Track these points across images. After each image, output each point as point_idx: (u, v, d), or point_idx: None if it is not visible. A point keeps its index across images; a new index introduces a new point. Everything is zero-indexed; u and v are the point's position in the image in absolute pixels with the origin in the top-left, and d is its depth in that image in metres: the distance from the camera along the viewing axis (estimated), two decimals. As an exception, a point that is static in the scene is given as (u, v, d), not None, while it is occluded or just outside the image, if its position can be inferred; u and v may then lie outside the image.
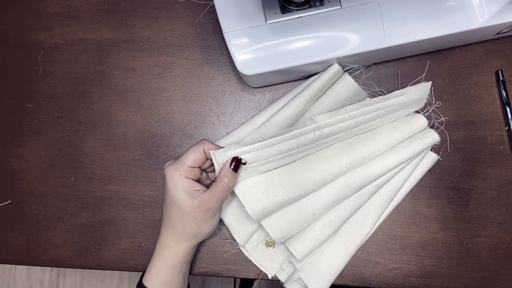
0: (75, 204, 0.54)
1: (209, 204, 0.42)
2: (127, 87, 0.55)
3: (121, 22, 0.56)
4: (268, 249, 0.50)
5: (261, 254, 0.50)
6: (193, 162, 0.43)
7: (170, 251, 0.45)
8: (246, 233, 0.49)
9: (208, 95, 0.54)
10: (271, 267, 0.50)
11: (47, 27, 0.56)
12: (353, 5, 0.46)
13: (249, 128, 0.50)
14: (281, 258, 0.50)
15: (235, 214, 0.49)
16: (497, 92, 0.52)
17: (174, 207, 0.43)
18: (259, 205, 0.44)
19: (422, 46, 0.49)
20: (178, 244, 0.45)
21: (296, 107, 0.48)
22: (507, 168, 0.51)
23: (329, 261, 0.48)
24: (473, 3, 0.46)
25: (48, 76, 0.56)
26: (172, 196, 0.43)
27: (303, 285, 0.49)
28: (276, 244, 0.50)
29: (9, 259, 0.54)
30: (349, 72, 0.50)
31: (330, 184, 0.47)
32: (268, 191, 0.44)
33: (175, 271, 0.46)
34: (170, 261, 0.45)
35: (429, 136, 0.48)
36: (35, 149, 0.55)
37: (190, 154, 0.43)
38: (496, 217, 0.51)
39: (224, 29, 0.46)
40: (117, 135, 0.54)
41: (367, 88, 0.51)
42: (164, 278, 0.45)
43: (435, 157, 0.50)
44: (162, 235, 0.46)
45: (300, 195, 0.45)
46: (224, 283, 1.25)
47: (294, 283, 0.50)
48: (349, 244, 0.49)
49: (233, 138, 0.50)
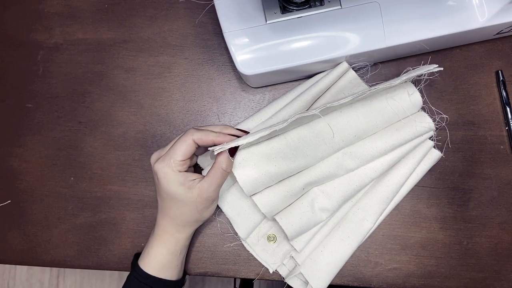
0: (75, 204, 0.54)
1: (208, 192, 0.42)
2: (127, 87, 0.55)
3: (121, 22, 0.56)
4: (270, 244, 0.50)
5: (262, 248, 0.50)
6: (184, 155, 0.42)
7: (172, 237, 0.45)
8: (247, 226, 0.49)
9: (208, 95, 0.54)
10: (272, 261, 0.50)
11: (47, 27, 0.56)
12: (353, 5, 0.46)
13: (254, 122, 0.50)
14: (282, 252, 0.50)
15: (237, 207, 0.49)
16: (497, 92, 0.52)
17: (173, 201, 0.43)
18: (251, 177, 0.43)
19: (422, 46, 0.49)
20: (179, 231, 0.45)
21: (302, 104, 0.48)
22: (507, 168, 0.51)
23: (330, 257, 0.48)
24: (473, 3, 0.46)
25: (48, 76, 0.56)
26: (169, 191, 0.42)
27: (304, 280, 0.49)
28: (277, 239, 0.50)
29: (9, 259, 0.54)
30: (355, 70, 0.51)
31: (322, 161, 0.47)
32: (260, 164, 0.44)
33: (175, 256, 0.46)
34: (171, 247, 0.46)
35: (424, 121, 0.47)
36: (35, 149, 0.55)
37: (179, 147, 0.42)
38: (496, 217, 0.51)
39: (224, 29, 0.46)
40: (117, 135, 0.54)
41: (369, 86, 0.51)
42: (163, 262, 0.46)
43: (438, 154, 0.50)
44: (161, 223, 0.46)
45: (292, 169, 0.45)
46: (224, 283, 1.25)
47: (294, 278, 0.50)
48: (350, 240, 0.49)
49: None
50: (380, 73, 0.52)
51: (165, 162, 0.42)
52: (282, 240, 0.50)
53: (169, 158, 0.42)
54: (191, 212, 0.44)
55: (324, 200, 0.47)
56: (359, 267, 0.51)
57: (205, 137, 0.42)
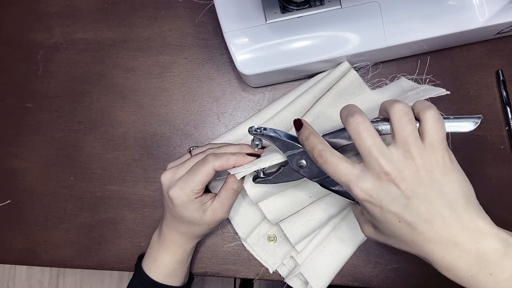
0: (74, 204, 0.54)
1: (221, 213, 0.43)
2: (127, 87, 0.55)
3: (121, 22, 0.56)
4: (270, 244, 0.50)
5: (262, 248, 0.50)
6: (203, 184, 0.41)
7: (180, 248, 0.46)
8: (247, 226, 0.49)
9: (208, 95, 0.54)
10: (272, 261, 0.50)
11: (47, 27, 0.56)
12: (353, 5, 0.46)
13: (256, 122, 0.50)
14: (282, 252, 0.50)
15: (237, 207, 0.49)
16: (497, 92, 0.52)
17: (185, 222, 0.43)
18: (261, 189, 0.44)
19: (422, 46, 0.48)
20: (188, 243, 0.46)
21: (304, 104, 0.48)
22: (507, 168, 0.51)
23: (330, 257, 0.48)
24: (473, 3, 0.46)
25: (47, 76, 0.56)
26: (183, 216, 0.42)
27: (304, 280, 0.49)
28: (278, 239, 0.50)
29: (9, 259, 0.54)
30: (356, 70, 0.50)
31: None
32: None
33: (182, 263, 0.47)
34: (179, 255, 0.46)
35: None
36: (35, 149, 0.55)
37: (199, 177, 0.40)
38: (496, 217, 0.50)
39: (224, 29, 0.46)
40: (117, 135, 0.54)
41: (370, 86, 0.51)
42: (170, 270, 0.46)
43: None
44: (168, 235, 0.46)
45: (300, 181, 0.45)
46: (224, 283, 1.25)
47: (294, 278, 0.50)
48: (350, 241, 0.49)
49: (239, 132, 0.50)
50: (380, 73, 0.52)
51: (183, 191, 0.41)
52: (282, 240, 0.50)
53: (187, 187, 0.41)
54: (203, 229, 0.45)
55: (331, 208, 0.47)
56: (359, 267, 0.50)
57: (225, 163, 0.40)
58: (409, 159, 0.31)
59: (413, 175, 0.31)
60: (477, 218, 0.32)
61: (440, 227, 0.31)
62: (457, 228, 0.31)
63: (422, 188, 0.31)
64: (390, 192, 0.31)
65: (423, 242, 0.32)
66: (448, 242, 0.31)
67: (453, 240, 0.31)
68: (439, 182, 0.32)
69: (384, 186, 0.31)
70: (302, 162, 0.40)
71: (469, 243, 0.31)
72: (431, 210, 0.31)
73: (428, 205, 0.31)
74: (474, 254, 0.31)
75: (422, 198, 0.31)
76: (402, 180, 0.31)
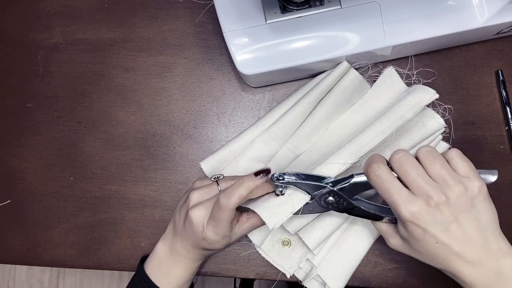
0: (74, 204, 0.54)
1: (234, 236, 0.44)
2: (126, 86, 0.55)
3: (121, 22, 0.56)
4: (284, 248, 0.50)
5: (278, 254, 0.50)
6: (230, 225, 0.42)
7: (190, 262, 0.47)
8: (260, 232, 0.49)
9: (208, 95, 0.54)
10: (288, 266, 0.50)
11: (47, 27, 0.56)
12: (353, 5, 0.46)
13: (259, 129, 0.50)
14: (298, 256, 0.50)
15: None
16: (497, 92, 0.52)
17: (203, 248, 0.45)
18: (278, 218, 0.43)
19: (422, 46, 0.48)
20: (200, 259, 0.47)
21: (306, 107, 0.48)
22: (507, 168, 0.51)
23: (346, 256, 0.48)
24: (473, 3, 0.46)
25: (47, 76, 0.56)
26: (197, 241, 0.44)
27: (321, 281, 0.49)
28: (292, 243, 0.50)
29: (9, 259, 0.54)
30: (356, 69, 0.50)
31: None
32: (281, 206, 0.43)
33: (193, 274, 0.48)
34: (190, 269, 0.47)
35: (430, 116, 0.47)
36: (35, 149, 0.55)
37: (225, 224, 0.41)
38: (496, 217, 0.51)
39: (224, 29, 0.46)
40: (117, 135, 0.54)
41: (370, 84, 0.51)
42: (183, 282, 0.47)
43: (446, 147, 0.50)
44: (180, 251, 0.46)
45: None
46: (224, 283, 1.25)
47: (312, 281, 0.49)
48: (365, 237, 0.49)
49: (243, 140, 0.50)
50: (380, 72, 0.52)
51: (210, 227, 0.42)
52: (296, 243, 0.50)
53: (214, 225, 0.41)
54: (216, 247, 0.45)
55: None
56: (359, 267, 0.50)
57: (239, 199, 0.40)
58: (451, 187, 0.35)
59: (456, 201, 0.35)
60: (501, 240, 0.37)
61: (472, 249, 0.35)
62: (485, 250, 0.36)
63: (463, 214, 0.35)
64: (435, 217, 0.35)
65: (455, 261, 0.36)
66: (475, 262, 0.35)
67: (480, 259, 0.35)
68: (477, 209, 0.36)
69: (431, 211, 0.35)
70: (330, 199, 0.41)
71: (492, 262, 0.36)
72: (467, 234, 0.35)
73: (466, 230, 0.35)
74: (495, 271, 0.35)
75: (461, 223, 0.35)
76: (448, 206, 0.35)
